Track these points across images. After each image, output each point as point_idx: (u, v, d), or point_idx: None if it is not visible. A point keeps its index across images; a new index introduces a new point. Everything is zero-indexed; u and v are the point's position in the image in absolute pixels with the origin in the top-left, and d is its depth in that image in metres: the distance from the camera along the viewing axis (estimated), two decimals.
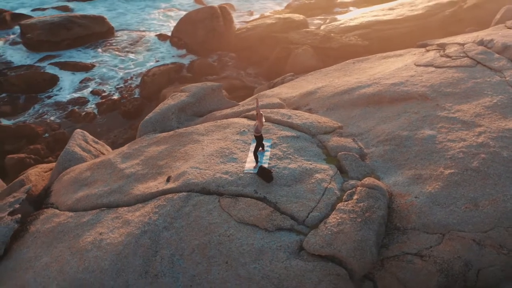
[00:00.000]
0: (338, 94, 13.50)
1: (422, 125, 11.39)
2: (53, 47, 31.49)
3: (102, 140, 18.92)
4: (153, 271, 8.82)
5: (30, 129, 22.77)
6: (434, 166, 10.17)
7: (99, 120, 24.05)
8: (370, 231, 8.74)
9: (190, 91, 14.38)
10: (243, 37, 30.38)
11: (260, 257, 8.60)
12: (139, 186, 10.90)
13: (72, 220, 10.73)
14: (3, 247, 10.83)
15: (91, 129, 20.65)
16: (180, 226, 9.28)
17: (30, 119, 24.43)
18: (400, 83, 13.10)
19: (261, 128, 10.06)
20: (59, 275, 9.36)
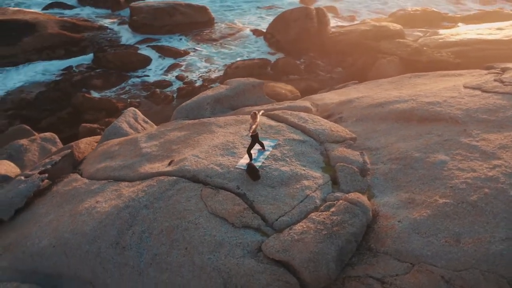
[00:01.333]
0: (372, 106, 13.17)
1: (439, 149, 10.78)
2: (154, 31, 33.89)
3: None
4: (123, 243, 9.47)
5: (111, 104, 24.89)
6: (431, 193, 9.63)
7: (175, 103, 25.53)
8: (332, 246, 8.58)
9: (231, 85, 14.90)
10: (334, 40, 30.29)
11: (217, 249, 8.85)
12: (147, 165, 11.66)
13: (84, 187, 11.79)
14: (24, 200, 12.19)
15: (166, 112, 22.12)
16: (159, 207, 9.83)
17: (115, 94, 26.65)
18: (437, 103, 12.44)
19: (256, 127, 10.23)
20: (52, 232, 10.40)
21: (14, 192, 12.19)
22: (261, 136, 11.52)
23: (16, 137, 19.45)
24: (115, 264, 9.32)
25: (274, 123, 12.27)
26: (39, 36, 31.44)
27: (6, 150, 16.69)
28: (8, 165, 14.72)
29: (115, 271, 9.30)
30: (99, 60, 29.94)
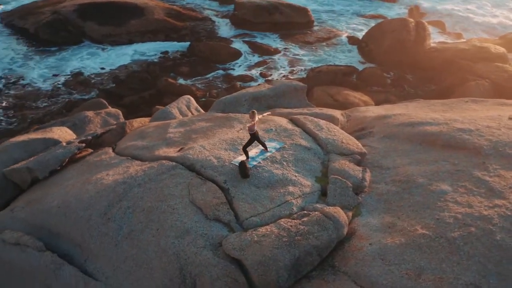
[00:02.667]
0: (404, 124, 12.69)
1: (446, 178, 10.17)
2: (252, 27, 34.96)
3: None
4: (109, 215, 10.27)
5: (190, 91, 26.26)
6: (415, 221, 9.19)
7: None
8: (287, 254, 8.59)
9: (274, 85, 15.16)
10: (429, 56, 29.02)
11: (183, 236, 9.28)
12: (163, 149, 12.38)
13: (107, 160, 12.85)
14: (59, 163, 13.54)
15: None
16: (149, 187, 10.49)
17: (198, 83, 28.04)
18: (468, 130, 11.66)
19: (254, 127, 10.42)
20: (63, 195, 11.54)
21: (51, 155, 13.55)
22: (271, 138, 11.70)
23: (91, 108, 21.37)
24: (98, 233, 10.12)
25: (291, 126, 12.34)
26: (145, 20, 33.94)
27: (72, 119, 18.46)
28: (64, 131, 16.29)
29: (97, 239, 10.10)
30: (193, 49, 31.61)
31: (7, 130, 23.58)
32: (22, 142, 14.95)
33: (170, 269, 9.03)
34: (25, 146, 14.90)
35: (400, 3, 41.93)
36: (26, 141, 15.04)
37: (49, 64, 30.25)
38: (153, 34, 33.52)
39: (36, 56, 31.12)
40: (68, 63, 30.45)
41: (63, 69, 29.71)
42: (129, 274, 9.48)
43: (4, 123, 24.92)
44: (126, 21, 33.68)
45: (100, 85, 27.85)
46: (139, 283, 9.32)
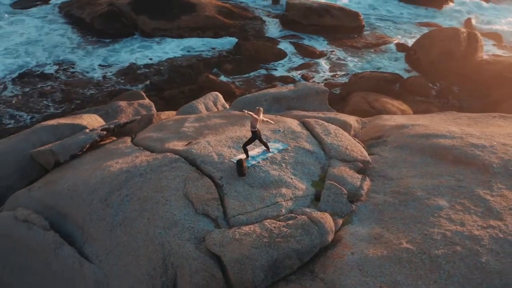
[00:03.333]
0: (419, 135, 12.36)
1: (446, 193, 9.86)
2: (300, 28, 34.92)
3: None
4: (108, 201, 10.68)
5: (229, 88, 26.63)
6: (403, 234, 8.99)
7: None
8: (265, 255, 8.64)
9: (296, 87, 15.17)
10: (479, 69, 27.89)
11: (170, 227, 9.52)
12: (174, 142, 12.68)
13: (122, 149, 13.32)
14: (79, 149, 14.12)
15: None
16: (149, 178, 10.81)
17: (239, 81, 28.36)
18: (481, 146, 11.22)
19: (256, 124, 10.50)
20: (75, 179, 12.07)
21: (73, 141, 14.18)
22: (277, 139, 11.73)
23: (129, 98, 22.08)
24: (97, 217, 10.55)
25: (300, 129, 12.31)
26: (196, 16, 34.64)
27: (106, 108, 19.18)
28: (94, 119, 16.97)
29: (96, 223, 10.53)
30: (239, 47, 31.97)
31: (53, 114, 24.75)
32: (51, 126, 15.68)
33: (154, 258, 9.29)
34: (54, 130, 15.61)
35: (462, 14, 40.38)
36: (55, 125, 15.75)
37: (101, 54, 31.49)
38: (202, 31, 34.16)
39: (89, 45, 32.48)
40: (119, 54, 31.57)
41: (113, 60, 30.86)
42: (119, 259, 9.81)
43: (52, 107, 26.18)
44: (177, 16, 34.51)
45: (146, 77, 28.72)
46: (126, 269, 9.63)
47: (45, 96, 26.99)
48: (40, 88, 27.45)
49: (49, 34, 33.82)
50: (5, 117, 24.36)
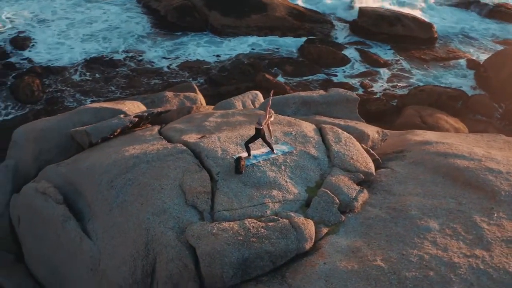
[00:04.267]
0: (438, 154, 11.85)
1: (441, 216, 9.44)
2: (369, 36, 34.21)
3: None
4: (113, 183, 11.23)
5: (283, 90, 26.66)
6: (382, 251, 8.73)
7: None
8: (236, 253, 8.75)
9: (327, 93, 15.02)
10: None
11: (158, 214, 9.88)
12: (191, 135, 13.01)
13: (147, 136, 13.83)
14: (110, 132, 14.84)
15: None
16: (154, 165, 11.23)
17: (296, 83, 28.37)
18: (497, 172, 10.57)
19: (265, 121, 10.52)
20: (95, 160, 12.75)
21: (107, 124, 14.95)
22: (285, 141, 11.72)
23: (181, 90, 22.77)
24: (102, 197, 11.15)
25: (312, 134, 12.20)
26: (266, 16, 34.98)
27: (153, 97, 19.95)
28: (136, 106, 17.73)
29: (100, 202, 11.13)
30: (303, 50, 31.94)
31: (116, 98, 25.97)
32: (93, 109, 16.59)
33: (139, 242, 9.67)
34: (96, 112, 16.48)
35: None
36: (97, 108, 16.64)
37: (169, 45, 32.70)
38: (271, 31, 34.44)
39: (160, 37, 33.81)
40: (186, 47, 32.61)
41: (180, 52, 31.93)
42: (112, 239, 10.31)
43: (115, 93, 27.55)
44: (248, 14, 35.01)
45: (207, 72, 29.44)
46: (116, 249, 10.10)
47: (111, 82, 28.43)
48: (108, 74, 28.93)
49: (126, 22, 35.60)
50: (69, 100, 26.00)
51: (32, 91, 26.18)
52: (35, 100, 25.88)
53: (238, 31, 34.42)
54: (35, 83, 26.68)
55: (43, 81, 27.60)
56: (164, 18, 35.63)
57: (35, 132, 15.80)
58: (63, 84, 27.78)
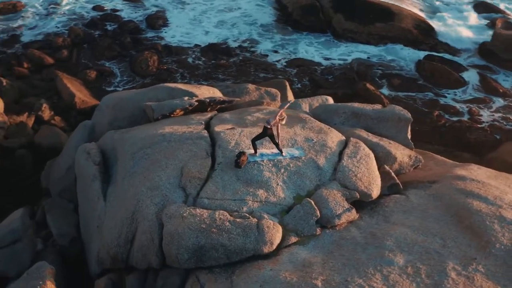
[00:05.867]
0: (461, 191, 10.78)
1: (414, 253, 8.85)
2: (497, 62, 31.22)
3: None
4: (135, 155, 12.26)
5: (381, 102, 25.84)
6: (329, 273, 8.53)
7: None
8: (194, 239, 9.17)
9: (381, 108, 14.47)
10: None
11: (152, 189, 10.68)
12: (225, 125, 13.42)
13: (192, 120, 14.46)
14: (169, 111, 15.83)
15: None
16: (171, 146, 12.00)
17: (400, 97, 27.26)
18: (508, 222, 9.46)
19: (274, 122, 10.64)
20: (138, 132, 13.80)
21: (169, 103, 16.03)
22: (301, 146, 11.68)
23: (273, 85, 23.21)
24: (123, 166, 12.35)
25: (333, 145, 11.91)
26: (391, 25, 33.82)
27: (234, 87, 20.77)
28: (211, 91, 18.67)
29: (120, 169, 12.37)
30: (419, 65, 30.45)
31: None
32: (168, 88, 17.87)
33: (129, 210, 10.55)
34: (170, 91, 17.72)
35: None
36: (172, 88, 17.89)
37: (285, 41, 33.25)
38: (391, 41, 33.24)
39: (280, 32, 34.51)
40: (301, 45, 32.89)
41: (293, 49, 32.34)
42: (115, 204, 11.35)
43: (223, 79, 28.85)
44: (372, 22, 34.14)
45: (313, 73, 29.54)
46: (114, 214, 11.15)
47: (220, 69, 29.84)
48: (220, 61, 30.39)
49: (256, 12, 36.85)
50: (177, 79, 27.83)
51: (147, 65, 28.50)
52: (147, 74, 28.12)
53: (359, 37, 33.81)
54: (152, 59, 28.96)
55: (161, 59, 29.81)
56: (290, 15, 36.27)
57: (115, 100, 17.42)
58: (177, 64, 29.81)
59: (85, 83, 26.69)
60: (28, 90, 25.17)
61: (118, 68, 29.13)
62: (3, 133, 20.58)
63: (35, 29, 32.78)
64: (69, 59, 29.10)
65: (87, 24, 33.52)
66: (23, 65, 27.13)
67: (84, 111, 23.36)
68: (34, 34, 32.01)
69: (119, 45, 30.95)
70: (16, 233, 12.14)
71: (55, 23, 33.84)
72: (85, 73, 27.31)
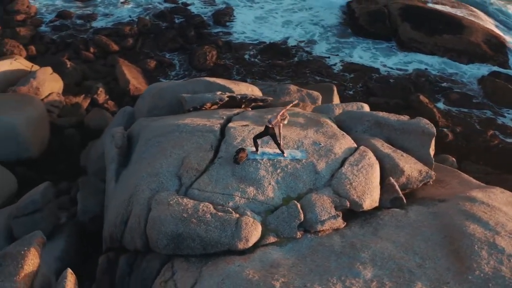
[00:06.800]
0: (463, 212, 10.14)
1: (385, 268, 8.58)
2: None
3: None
4: (149, 141, 12.82)
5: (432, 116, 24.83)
6: (292, 276, 8.51)
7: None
8: (173, 226, 9.49)
9: (406, 120, 14.02)
10: None
11: (151, 175, 11.14)
12: (242, 121, 13.59)
13: (217, 114, 14.79)
14: (201, 104, 16.13)
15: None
16: (181, 136, 12.38)
17: (455, 114, 26.12)
18: (498, 250, 8.82)
19: (275, 121, 10.71)
20: (163, 122, 14.30)
21: (200, 96, 16.44)
22: (305, 149, 11.62)
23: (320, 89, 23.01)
24: (138, 150, 13.01)
25: (339, 151, 11.70)
26: (459, 38, 32.35)
27: (275, 86, 20.83)
28: (250, 89, 18.86)
29: (135, 154, 12.99)
30: (482, 82, 29.01)
31: None
32: (207, 82, 18.32)
33: (127, 194, 11.06)
34: (208, 85, 18.17)
35: None
36: (211, 82, 18.31)
37: (346, 45, 32.84)
38: (457, 55, 31.81)
39: (343, 36, 34.10)
40: (361, 50, 32.33)
41: (352, 53, 31.87)
42: (122, 185, 11.89)
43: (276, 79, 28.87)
44: (440, 33, 32.82)
45: (367, 79, 29.01)
46: (118, 195, 11.71)
47: (276, 69, 29.98)
48: (276, 61, 30.50)
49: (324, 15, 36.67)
50: (233, 75, 28.31)
51: (205, 59, 29.22)
52: (204, 68, 28.80)
53: (423, 47, 32.66)
54: (211, 54, 29.63)
55: (220, 54, 30.42)
56: (356, 19, 35.77)
57: (156, 90, 18.13)
58: (234, 60, 30.29)
59: (144, 71, 27.79)
60: (90, 74, 26.62)
61: (178, 60, 30.07)
62: (58, 111, 21.93)
63: (109, 17, 34.52)
64: (133, 48, 30.36)
65: (156, 15, 34.76)
66: (89, 50, 28.67)
67: (136, 98, 24.30)
68: (107, 22, 33.71)
69: (183, 38, 31.80)
70: (36, 204, 12.93)
71: (128, 12, 35.41)
72: (145, 62, 28.39)
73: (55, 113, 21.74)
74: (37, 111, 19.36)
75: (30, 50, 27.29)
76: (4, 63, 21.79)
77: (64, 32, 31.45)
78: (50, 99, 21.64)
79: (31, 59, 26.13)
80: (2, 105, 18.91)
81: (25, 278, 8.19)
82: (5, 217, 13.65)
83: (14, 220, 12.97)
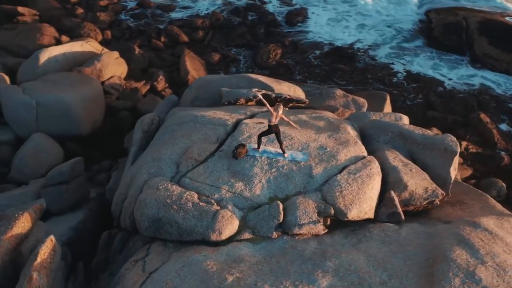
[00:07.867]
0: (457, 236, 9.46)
1: (348, 281, 8.31)
2: None
3: None
4: (167, 128, 13.36)
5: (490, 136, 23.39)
6: (249, 274, 8.52)
7: None
8: (155, 210, 9.93)
9: (432, 134, 13.37)
10: None
11: (155, 160, 11.65)
12: (259, 119, 13.66)
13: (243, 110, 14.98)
14: (234, 99, 16.43)
15: None
16: (195, 127, 12.74)
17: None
18: (476, 282, 8.30)
19: (274, 118, 10.69)
20: (187, 112, 14.67)
21: (235, 92, 16.68)
22: (308, 152, 11.46)
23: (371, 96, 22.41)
24: (156, 136, 13.27)
25: (342, 158, 11.38)
26: None
27: (322, 90, 20.54)
28: (292, 89, 18.71)
29: (153, 140, 13.10)
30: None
31: None
32: (250, 78, 18.52)
33: (131, 176, 11.49)
34: (251, 81, 18.36)
35: None
36: (253, 78, 18.51)
37: (408, 53, 31.45)
38: None
39: (412, 45, 32.81)
40: (430, 62, 30.80)
41: (420, 63, 30.50)
42: (136, 167, 12.25)
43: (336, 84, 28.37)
44: None
45: (429, 92, 27.75)
46: (127, 176, 12.07)
47: (337, 73, 29.46)
48: (338, 65, 29.95)
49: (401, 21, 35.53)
50: (294, 75, 28.21)
51: (268, 58, 29.35)
52: (266, 66, 28.94)
53: (498, 65, 30.55)
54: (275, 52, 29.71)
55: (284, 54, 30.42)
56: (431, 30, 34.27)
57: (201, 82, 18.69)
58: (297, 61, 30.13)
59: (207, 64, 28.44)
60: (157, 61, 27.73)
61: (242, 56, 30.41)
62: (117, 94, 23.13)
63: (187, 9, 35.56)
64: (202, 40, 31.13)
65: (231, 11, 35.33)
66: (160, 39, 29.78)
67: None
68: (184, 13, 34.73)
69: (251, 34, 32.08)
70: (63, 176, 13.74)
71: (206, 5, 36.25)
72: (209, 55, 29.03)
73: (114, 96, 22.91)
74: (93, 92, 20.52)
75: (106, 35, 28.86)
76: (75, 44, 23.26)
77: (142, 21, 32.84)
78: (111, 82, 22.82)
79: (106, 43, 27.71)
80: (64, 84, 20.23)
81: (11, 239, 8.79)
82: (39, 185, 14.64)
83: (43, 189, 13.87)
